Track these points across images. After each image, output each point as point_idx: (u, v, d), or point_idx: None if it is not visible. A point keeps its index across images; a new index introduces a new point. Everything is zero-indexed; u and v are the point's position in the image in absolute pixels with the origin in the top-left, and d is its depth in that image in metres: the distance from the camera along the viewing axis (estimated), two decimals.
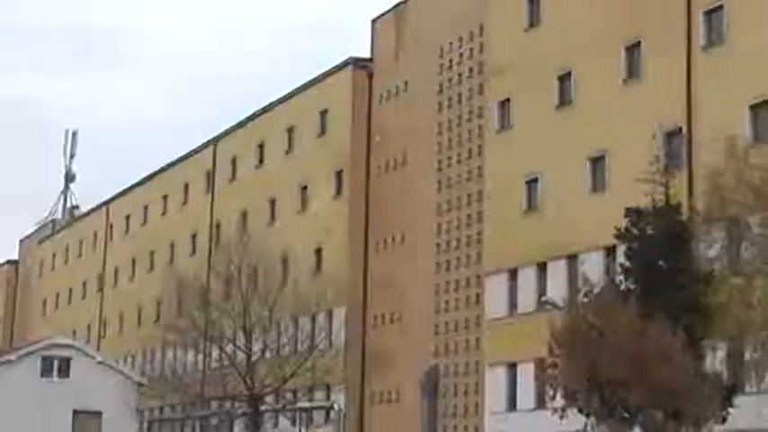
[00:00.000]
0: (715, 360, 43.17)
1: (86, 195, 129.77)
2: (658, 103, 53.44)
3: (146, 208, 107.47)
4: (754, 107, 50.61)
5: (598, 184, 58.39)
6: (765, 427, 43.13)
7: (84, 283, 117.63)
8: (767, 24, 50.46)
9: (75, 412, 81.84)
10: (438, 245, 70.12)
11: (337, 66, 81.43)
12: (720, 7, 53.12)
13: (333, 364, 68.77)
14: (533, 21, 64.86)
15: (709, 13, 53.83)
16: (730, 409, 40.19)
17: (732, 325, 41.33)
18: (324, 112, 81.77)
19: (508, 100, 65.67)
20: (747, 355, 42.79)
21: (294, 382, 66.30)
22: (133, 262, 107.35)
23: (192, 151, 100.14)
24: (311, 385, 70.15)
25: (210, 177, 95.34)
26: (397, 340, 72.10)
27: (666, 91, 54.30)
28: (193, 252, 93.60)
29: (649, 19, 56.52)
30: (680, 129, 53.44)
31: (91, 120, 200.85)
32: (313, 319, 71.88)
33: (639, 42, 57.24)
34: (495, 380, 62.81)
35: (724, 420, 39.51)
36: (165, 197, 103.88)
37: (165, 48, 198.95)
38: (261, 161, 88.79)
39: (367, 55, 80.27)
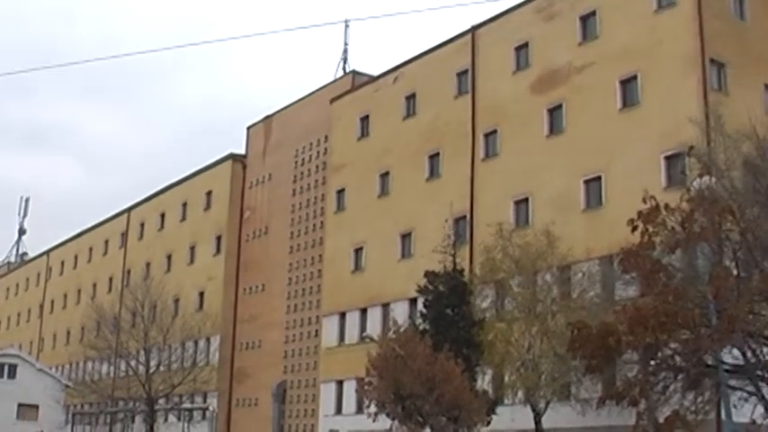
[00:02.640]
0: (484, 381, 43.74)
1: (33, 245, 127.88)
2: (451, 196, 53.47)
3: (76, 256, 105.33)
4: (516, 202, 51.40)
5: (406, 252, 58.54)
6: (517, 428, 43.57)
7: (29, 310, 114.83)
8: (525, 143, 51.59)
9: (20, 405, 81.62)
10: (289, 293, 69.83)
11: (220, 159, 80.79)
12: (495, 131, 54.07)
13: (209, 377, 67.76)
14: (363, 133, 65.07)
15: (487, 135, 54.70)
16: (493, 416, 40.87)
17: (497, 357, 42.02)
18: (209, 193, 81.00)
19: (343, 190, 65.66)
20: (506, 378, 43.35)
21: (180, 389, 65.22)
22: (65, 296, 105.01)
23: (112, 216, 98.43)
24: (193, 392, 69.06)
25: (125, 236, 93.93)
26: (257, 361, 71.73)
27: (457, 188, 54.80)
28: (110, 290, 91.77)
29: (446, 137, 57.28)
30: (465, 215, 54.02)
31: (39, 189, 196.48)
32: (196, 344, 70.84)
33: (439, 153, 57.87)
34: (327, 392, 62.39)
35: (488, 424, 40.06)
36: (90, 249, 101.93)
37: (95, 138, 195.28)
38: (162, 226, 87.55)
39: (243, 152, 79.92)
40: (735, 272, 28.10)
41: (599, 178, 47.42)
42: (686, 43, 44.71)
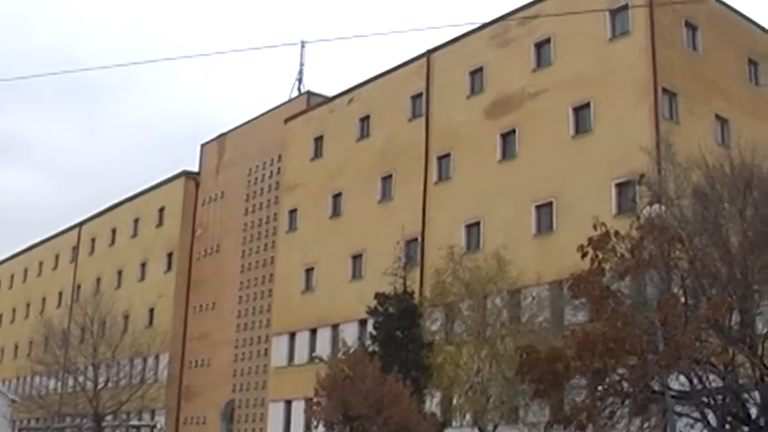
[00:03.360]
0: (432, 404, 43.58)
1: None
2: (402, 218, 53.57)
3: (26, 270, 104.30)
4: (468, 226, 51.56)
5: (357, 274, 58.58)
6: None
7: None
8: (478, 167, 51.74)
9: None
10: (239, 311, 69.54)
11: (173, 176, 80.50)
12: (448, 155, 54.23)
13: (157, 395, 67.23)
14: (317, 154, 65.13)
15: (440, 158, 54.86)
16: None
17: (445, 379, 41.83)
18: (161, 209, 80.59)
19: (296, 210, 65.68)
20: (455, 401, 43.17)
21: (128, 406, 64.54)
22: (14, 310, 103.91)
23: (63, 230, 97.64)
24: (140, 409, 68.44)
25: (76, 251, 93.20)
26: (206, 379, 71.27)
27: (409, 210, 54.92)
28: (59, 305, 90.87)
29: (399, 159, 57.39)
30: (416, 238, 54.07)
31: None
32: (144, 361, 70.36)
33: (391, 175, 57.96)
34: (275, 411, 62.15)
35: None
36: (40, 263, 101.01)
37: (55, 150, 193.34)
38: (113, 242, 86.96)
39: (196, 169, 79.61)
40: (683, 299, 28.10)
41: (550, 204, 47.69)
42: (639, 72, 45.13)
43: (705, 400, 28.47)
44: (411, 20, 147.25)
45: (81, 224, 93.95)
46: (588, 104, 47.18)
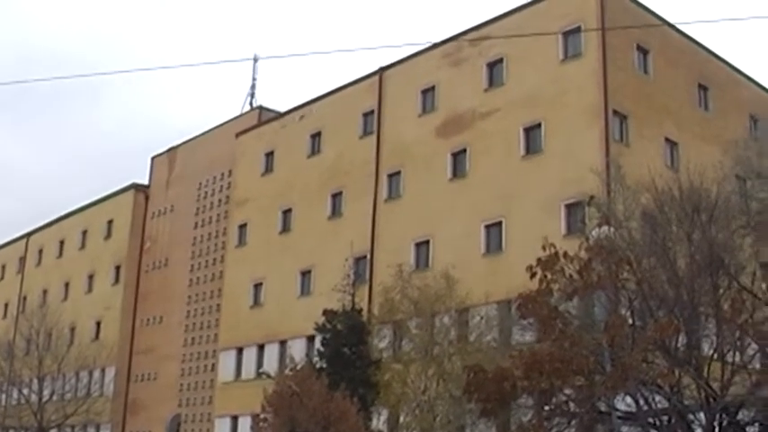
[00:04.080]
0: (379, 422, 43.39)
1: None
2: (352, 235, 53.32)
3: None
4: (417, 244, 51.50)
5: (305, 290, 58.23)
6: None
7: None
8: (428, 186, 51.76)
9: None
10: (187, 326, 68.93)
11: (123, 188, 79.87)
12: (399, 172, 54.21)
13: (103, 408, 66.80)
14: (267, 169, 64.80)
15: (391, 176, 54.81)
16: None
17: (392, 397, 41.67)
18: (110, 222, 79.84)
19: (245, 225, 65.27)
20: (402, 419, 42.99)
21: (73, 420, 64.12)
22: None
23: (9, 241, 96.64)
24: (86, 423, 67.85)
25: (22, 262, 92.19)
26: (152, 393, 70.53)
27: (359, 227, 54.74)
28: (5, 316, 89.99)
29: (350, 176, 57.29)
30: (366, 255, 53.93)
31: None
32: (90, 374, 69.66)
33: (342, 192, 57.83)
34: (222, 427, 61.47)
35: None
36: None
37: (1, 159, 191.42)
38: (61, 253, 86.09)
39: (146, 182, 79.08)
40: (630, 321, 28.28)
41: (500, 223, 47.75)
42: (590, 94, 45.34)
43: (651, 420, 28.60)
44: (364, 38, 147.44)
45: (28, 235, 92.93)
46: (539, 125, 47.31)
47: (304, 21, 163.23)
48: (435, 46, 53.56)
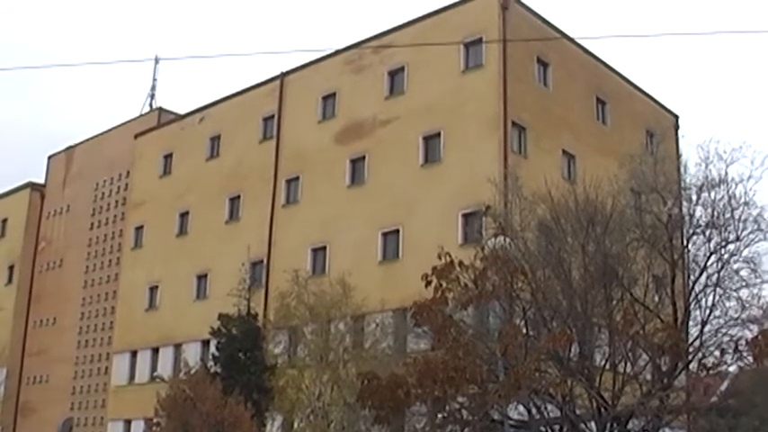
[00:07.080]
0: (274, 427, 43.09)
1: None
2: (249, 239, 52.81)
3: None
4: (314, 250, 51.42)
5: (201, 293, 57.81)
6: None
7: None
8: (326, 192, 51.69)
9: None
10: (80, 328, 67.78)
11: (18, 187, 78.20)
12: (297, 178, 54.08)
13: None
14: (166, 171, 64.16)
15: (289, 181, 54.66)
16: None
17: (287, 403, 41.45)
18: (4, 221, 78.23)
19: (142, 227, 64.55)
20: (296, 425, 42.85)
21: None
22: None
23: None
24: None
25: None
26: (44, 396, 69.16)
27: (256, 232, 54.47)
28: None
29: (248, 180, 56.98)
30: (262, 260, 53.65)
31: None
32: None
33: (240, 196, 57.49)
34: (115, 431, 60.75)
35: None
36: None
37: None
38: None
39: (42, 181, 77.63)
40: (524, 330, 28.40)
41: (397, 231, 47.85)
42: (490, 105, 45.65)
43: (543, 429, 28.81)
44: (267, 42, 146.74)
45: None
46: (438, 134, 47.51)
47: (206, 23, 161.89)
48: (337, 53, 53.48)
